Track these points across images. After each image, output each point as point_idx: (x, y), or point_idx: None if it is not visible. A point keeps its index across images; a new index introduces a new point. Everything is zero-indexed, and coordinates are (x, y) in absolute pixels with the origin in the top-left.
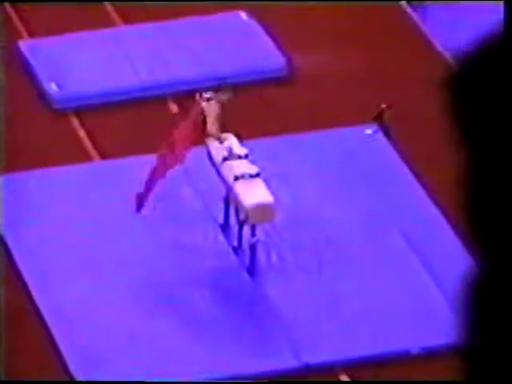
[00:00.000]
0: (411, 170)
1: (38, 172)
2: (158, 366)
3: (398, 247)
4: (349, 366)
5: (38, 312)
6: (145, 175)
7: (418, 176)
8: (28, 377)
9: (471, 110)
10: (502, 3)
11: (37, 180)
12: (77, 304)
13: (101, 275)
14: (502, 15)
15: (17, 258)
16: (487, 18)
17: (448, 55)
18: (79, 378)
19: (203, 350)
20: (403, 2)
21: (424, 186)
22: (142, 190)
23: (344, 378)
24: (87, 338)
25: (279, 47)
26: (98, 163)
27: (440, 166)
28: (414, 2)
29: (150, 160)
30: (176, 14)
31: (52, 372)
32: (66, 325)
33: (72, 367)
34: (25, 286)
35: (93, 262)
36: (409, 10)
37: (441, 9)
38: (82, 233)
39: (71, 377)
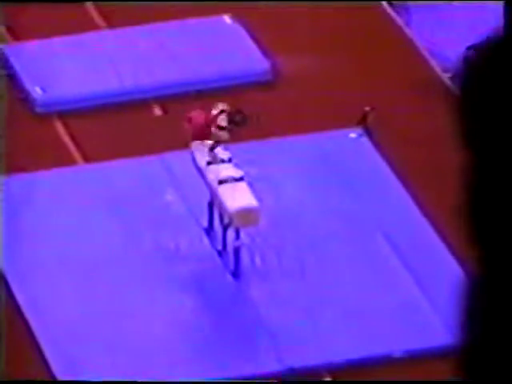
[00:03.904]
0: (396, 173)
1: (22, 176)
2: (139, 370)
3: (381, 251)
4: (332, 369)
5: (20, 314)
6: (127, 179)
7: (402, 180)
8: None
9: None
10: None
11: (20, 183)
12: (58, 306)
13: (83, 278)
14: (487, 15)
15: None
16: (472, 18)
17: (430, 57)
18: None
19: (185, 353)
20: (386, 5)
21: (409, 189)
22: None
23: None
24: (70, 341)
25: (263, 51)
26: (81, 167)
27: (425, 169)
28: (396, 3)
29: (133, 163)
30: (160, 18)
31: (35, 374)
32: (48, 327)
33: (55, 370)
34: (8, 288)
35: (75, 266)
36: (392, 12)
37: (424, 10)
38: (63, 236)
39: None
